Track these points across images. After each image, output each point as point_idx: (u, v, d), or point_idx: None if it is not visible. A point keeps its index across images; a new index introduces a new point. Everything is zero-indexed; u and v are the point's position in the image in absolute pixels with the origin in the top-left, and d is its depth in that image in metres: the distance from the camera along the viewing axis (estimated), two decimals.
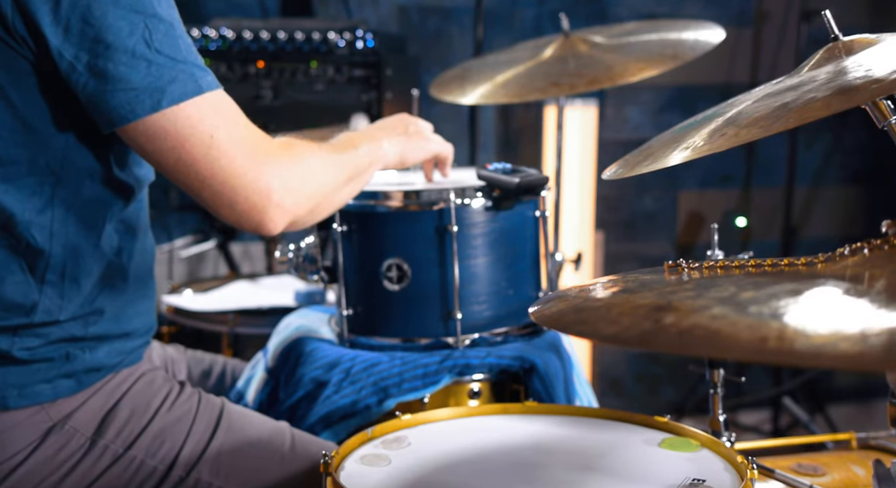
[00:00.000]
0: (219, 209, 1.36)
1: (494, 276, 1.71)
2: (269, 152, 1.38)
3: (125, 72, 1.27)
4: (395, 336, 1.72)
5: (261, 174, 1.35)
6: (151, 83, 1.28)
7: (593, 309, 1.02)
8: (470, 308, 1.69)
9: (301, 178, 1.40)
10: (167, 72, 1.29)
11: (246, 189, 1.35)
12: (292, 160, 1.40)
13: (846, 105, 1.02)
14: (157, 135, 1.30)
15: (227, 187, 1.34)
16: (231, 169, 1.34)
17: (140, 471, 1.43)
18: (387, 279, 1.69)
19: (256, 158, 1.36)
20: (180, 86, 1.30)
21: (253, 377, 1.80)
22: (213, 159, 1.33)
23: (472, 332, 1.70)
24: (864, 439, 1.73)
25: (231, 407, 1.54)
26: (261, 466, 1.48)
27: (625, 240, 3.86)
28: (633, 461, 1.26)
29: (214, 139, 1.32)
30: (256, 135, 1.39)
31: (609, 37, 2.35)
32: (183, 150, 1.32)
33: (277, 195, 1.36)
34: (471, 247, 1.69)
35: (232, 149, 1.34)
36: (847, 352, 0.76)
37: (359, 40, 2.93)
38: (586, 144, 3.42)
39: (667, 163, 1.17)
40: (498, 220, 1.71)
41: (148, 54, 1.28)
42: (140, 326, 1.51)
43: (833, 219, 4.04)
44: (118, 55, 1.27)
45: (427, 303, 1.69)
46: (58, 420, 1.40)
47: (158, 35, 1.29)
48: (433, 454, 1.28)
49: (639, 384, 3.95)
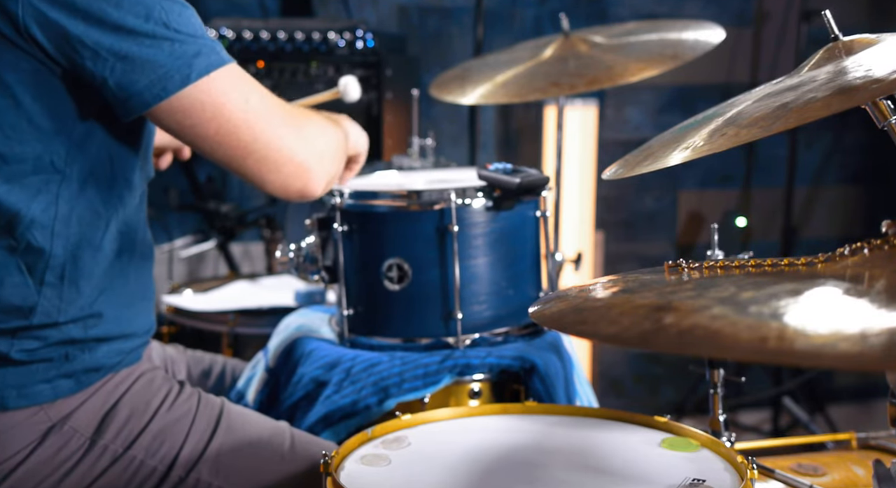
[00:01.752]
0: (265, 176, 1.40)
1: (495, 276, 1.71)
2: (300, 117, 1.45)
3: (150, 53, 1.31)
4: (396, 336, 1.72)
5: (300, 138, 1.41)
6: (177, 60, 1.32)
7: (593, 309, 1.02)
8: (470, 308, 1.69)
9: (326, 143, 1.48)
10: (190, 47, 1.33)
11: (291, 151, 1.40)
12: (318, 127, 1.47)
13: (846, 105, 1.02)
14: (193, 108, 1.34)
15: (273, 150, 1.39)
16: (272, 131, 1.39)
17: (140, 471, 1.43)
18: (387, 279, 1.69)
19: (292, 123, 1.42)
20: (205, 59, 1.34)
21: (253, 377, 1.80)
22: (252, 123, 1.37)
23: (473, 332, 1.70)
24: (864, 439, 1.73)
25: (231, 407, 1.54)
26: (261, 466, 1.48)
27: (625, 240, 3.86)
28: (633, 461, 1.26)
29: (250, 104, 1.37)
30: (282, 102, 1.44)
31: (609, 37, 2.35)
32: (223, 118, 1.36)
33: (316, 157, 1.43)
34: (471, 247, 1.69)
35: (268, 113, 1.39)
36: (847, 352, 0.76)
37: (359, 40, 2.93)
38: (586, 144, 3.42)
39: (667, 163, 1.17)
40: (498, 220, 1.71)
41: (168, 34, 1.32)
42: (139, 327, 1.51)
43: (833, 219, 4.04)
44: (140, 38, 1.30)
45: (427, 303, 1.69)
46: (57, 420, 1.40)
47: (174, 15, 1.33)
48: (433, 454, 1.28)
49: (639, 384, 3.95)
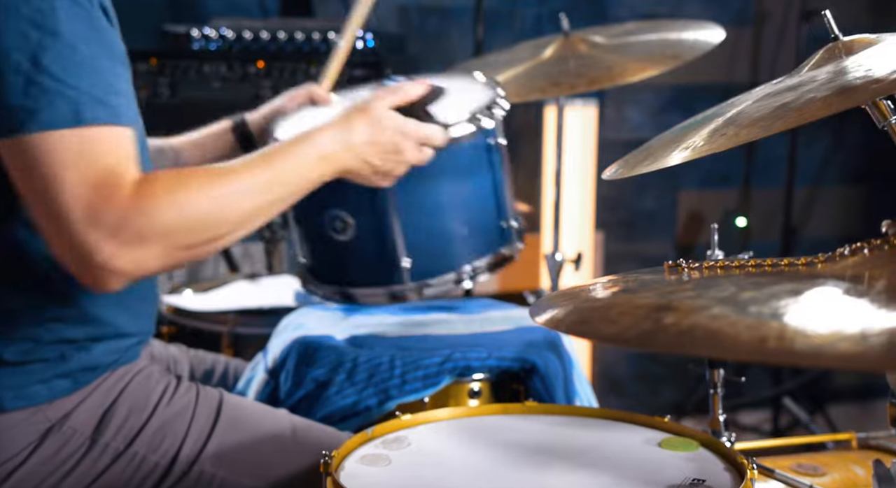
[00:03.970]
0: (56, 254, 1.25)
1: (444, 218, 1.64)
2: (123, 209, 1.21)
3: (2, 86, 1.19)
4: (350, 285, 1.68)
5: (98, 232, 1.20)
6: (24, 103, 1.19)
7: (593, 309, 1.02)
8: (419, 255, 1.63)
9: (158, 235, 1.24)
10: (46, 95, 1.19)
11: (78, 244, 1.21)
12: (153, 217, 1.23)
13: (846, 105, 1.02)
14: (11, 156, 1.22)
15: (62, 234, 1.21)
16: (68, 217, 1.20)
17: (142, 467, 1.43)
18: (332, 230, 1.65)
19: (102, 212, 1.20)
20: (52, 112, 1.19)
21: (253, 378, 1.79)
22: (50, 200, 1.20)
23: (425, 278, 1.65)
24: (864, 439, 1.73)
25: (229, 398, 1.54)
26: (264, 454, 1.48)
27: (625, 240, 3.86)
28: (633, 461, 1.25)
29: (59, 179, 1.19)
30: (121, 184, 1.22)
31: (609, 37, 2.36)
32: (29, 181, 1.21)
33: (109, 258, 1.21)
34: (413, 193, 1.61)
35: (76, 195, 1.19)
36: (847, 352, 0.76)
37: (359, 40, 2.93)
38: (586, 144, 3.42)
39: (667, 163, 1.17)
40: (442, 157, 1.57)
41: (31, 72, 1.19)
42: (137, 327, 1.50)
43: (833, 219, 4.04)
44: (2, 66, 1.19)
45: (374, 252, 1.64)
46: (56, 420, 1.40)
47: (51, 54, 1.19)
48: (433, 454, 1.28)
49: (639, 384, 3.95)
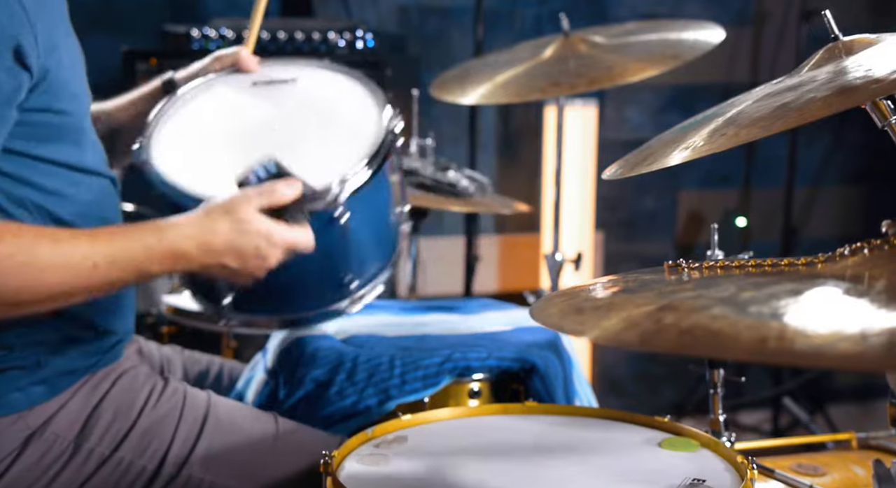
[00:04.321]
0: None
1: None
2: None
3: None
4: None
5: None
6: None
7: (593, 309, 1.02)
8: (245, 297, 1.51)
9: None
10: None
11: None
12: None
13: (846, 105, 1.02)
14: None
15: None
16: None
17: (129, 472, 1.41)
18: None
19: None
20: None
21: (252, 378, 1.79)
22: None
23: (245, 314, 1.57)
24: (864, 439, 1.73)
25: (217, 400, 1.52)
26: (252, 458, 1.47)
27: (625, 240, 3.86)
28: (633, 461, 1.26)
29: None
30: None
31: (609, 37, 2.36)
32: None
33: None
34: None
35: None
36: (847, 352, 0.76)
37: (359, 40, 2.93)
38: (586, 144, 3.43)
39: (667, 163, 1.17)
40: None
41: None
42: (116, 327, 1.47)
43: (833, 219, 4.04)
44: None
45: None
46: (36, 427, 1.37)
47: None
48: (433, 454, 1.28)
49: (639, 384, 3.95)
